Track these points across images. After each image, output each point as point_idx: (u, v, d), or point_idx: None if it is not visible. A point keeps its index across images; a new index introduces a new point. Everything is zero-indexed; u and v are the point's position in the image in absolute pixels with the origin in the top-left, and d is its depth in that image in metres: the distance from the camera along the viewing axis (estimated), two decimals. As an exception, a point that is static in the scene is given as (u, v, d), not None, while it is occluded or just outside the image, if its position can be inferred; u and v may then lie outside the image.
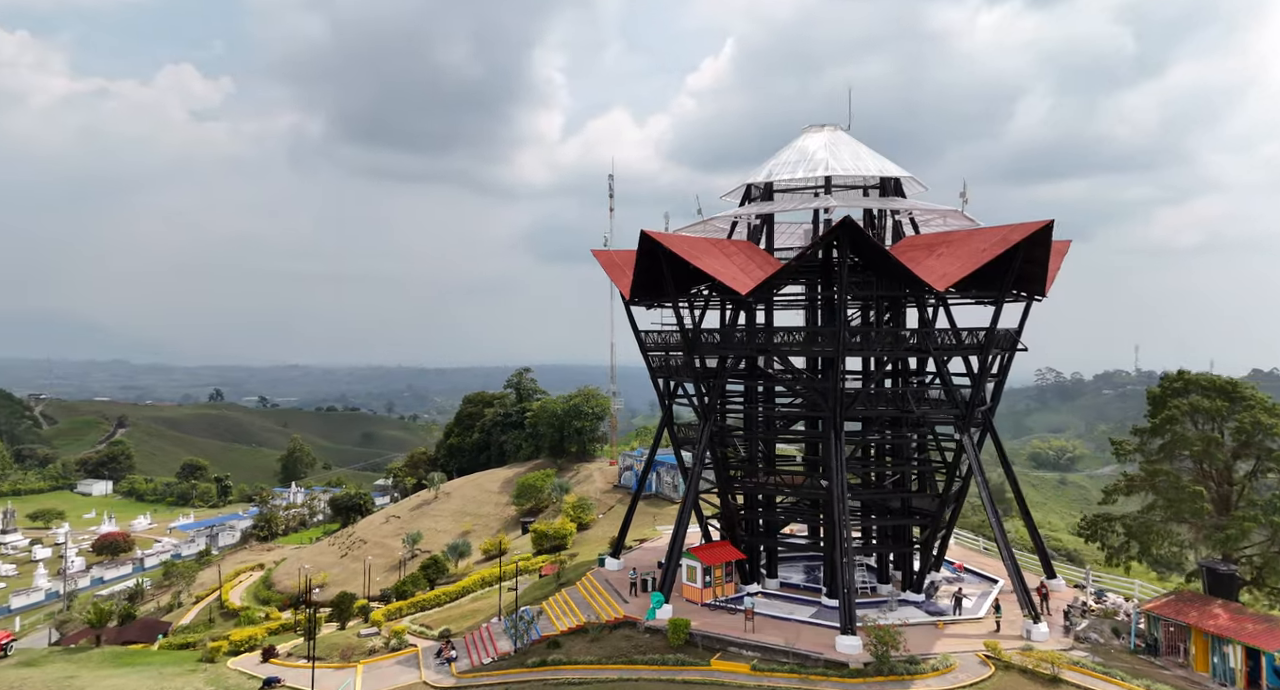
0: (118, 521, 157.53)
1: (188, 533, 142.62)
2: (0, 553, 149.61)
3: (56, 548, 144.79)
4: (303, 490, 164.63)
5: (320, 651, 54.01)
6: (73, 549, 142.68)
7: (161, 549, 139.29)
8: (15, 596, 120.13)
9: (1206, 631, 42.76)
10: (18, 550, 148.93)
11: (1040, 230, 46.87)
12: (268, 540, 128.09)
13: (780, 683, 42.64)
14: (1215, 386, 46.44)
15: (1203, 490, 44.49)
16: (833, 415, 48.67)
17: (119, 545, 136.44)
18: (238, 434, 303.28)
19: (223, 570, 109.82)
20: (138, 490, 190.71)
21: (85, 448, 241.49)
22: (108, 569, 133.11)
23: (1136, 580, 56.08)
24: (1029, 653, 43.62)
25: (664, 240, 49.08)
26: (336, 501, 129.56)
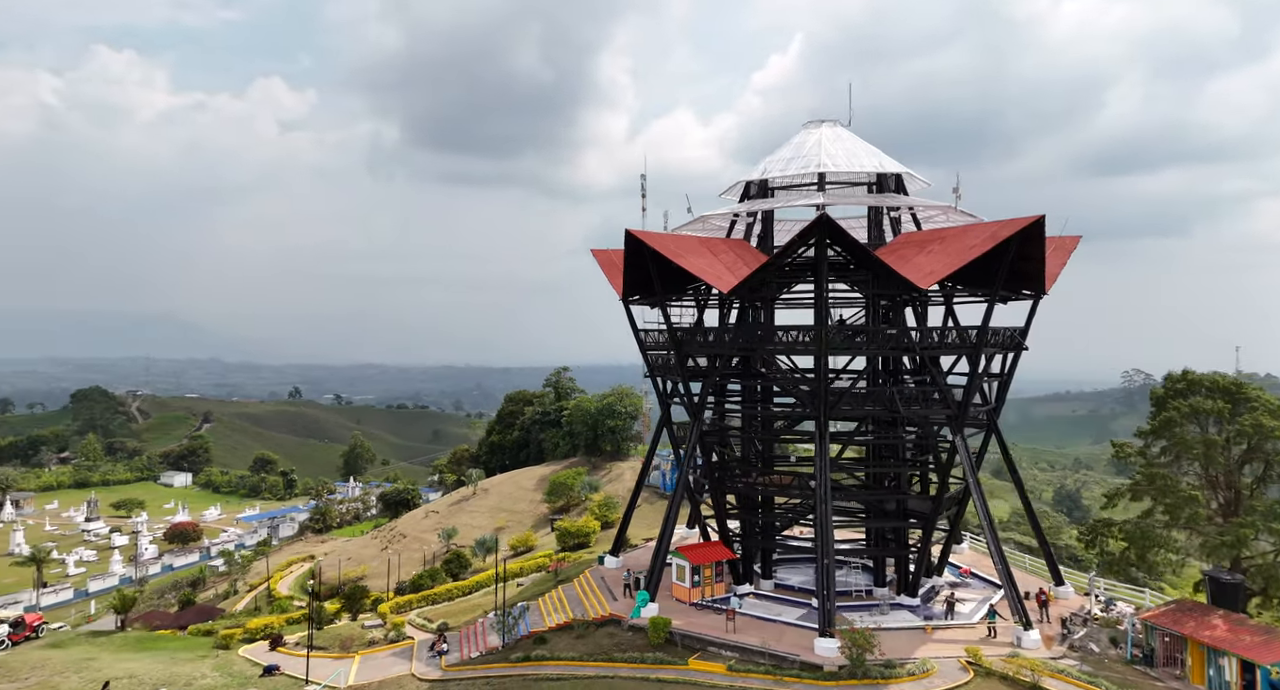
0: (190, 512, 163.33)
1: (251, 524, 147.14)
2: (84, 540, 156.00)
3: (134, 536, 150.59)
4: (360, 485, 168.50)
5: (325, 641, 55.03)
6: (147, 537, 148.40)
7: (227, 539, 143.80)
8: (93, 581, 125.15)
9: (1202, 642, 40.35)
10: (99, 537, 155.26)
11: (1031, 226, 44.88)
12: (322, 533, 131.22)
13: (754, 683, 41.69)
14: (1219, 387, 43.77)
15: (1199, 495, 41.99)
16: (818, 415, 47.45)
17: (188, 534, 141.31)
18: (313, 430, 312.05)
19: (277, 561, 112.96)
20: (214, 482, 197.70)
21: (172, 442, 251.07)
22: (177, 556, 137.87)
23: (1146, 589, 53.20)
24: (1011, 660, 41.82)
25: (648, 239, 48.49)
26: (386, 496, 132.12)
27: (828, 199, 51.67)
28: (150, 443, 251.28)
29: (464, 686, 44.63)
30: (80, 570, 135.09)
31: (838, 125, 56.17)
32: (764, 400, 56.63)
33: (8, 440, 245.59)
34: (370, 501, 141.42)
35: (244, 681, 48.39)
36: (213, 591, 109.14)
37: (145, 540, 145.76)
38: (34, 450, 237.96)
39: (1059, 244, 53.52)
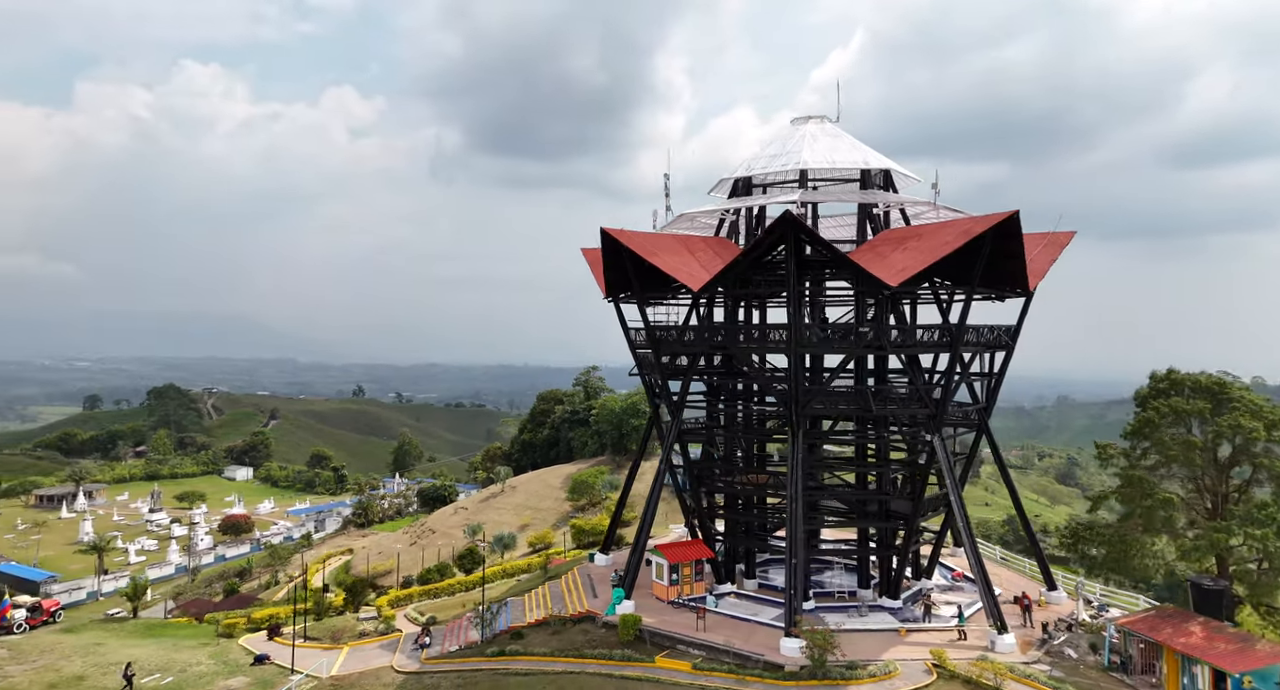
0: (246, 505, 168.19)
1: (299, 517, 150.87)
2: (146, 530, 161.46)
3: (192, 527, 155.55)
4: (405, 481, 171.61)
5: (320, 632, 56.10)
6: (203, 528, 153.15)
7: (276, 531, 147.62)
8: (151, 569, 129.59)
9: (1176, 650, 38.58)
10: (161, 528, 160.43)
11: (1005, 221, 43.48)
12: (364, 527, 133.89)
13: (716, 682, 41.25)
14: (1200, 387, 41.68)
15: (1175, 498, 40.06)
16: (791, 414, 46.70)
17: (240, 526, 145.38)
18: (375, 427, 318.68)
19: (318, 553, 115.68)
20: (273, 476, 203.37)
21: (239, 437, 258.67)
22: (229, 548, 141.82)
23: (1141, 596, 50.98)
24: (976, 663, 40.62)
25: (623, 238, 48.22)
26: (424, 492, 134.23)
27: (807, 196, 50.85)
28: (219, 438, 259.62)
29: (436, 679, 44.97)
30: (140, 559, 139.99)
31: (825, 121, 55.22)
32: (748, 399, 55.94)
33: (90, 434, 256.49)
34: (411, 497, 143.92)
35: (234, 670, 49.58)
36: (256, 582, 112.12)
37: (201, 531, 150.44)
38: (112, 444, 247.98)
39: (1052, 239, 51.80)
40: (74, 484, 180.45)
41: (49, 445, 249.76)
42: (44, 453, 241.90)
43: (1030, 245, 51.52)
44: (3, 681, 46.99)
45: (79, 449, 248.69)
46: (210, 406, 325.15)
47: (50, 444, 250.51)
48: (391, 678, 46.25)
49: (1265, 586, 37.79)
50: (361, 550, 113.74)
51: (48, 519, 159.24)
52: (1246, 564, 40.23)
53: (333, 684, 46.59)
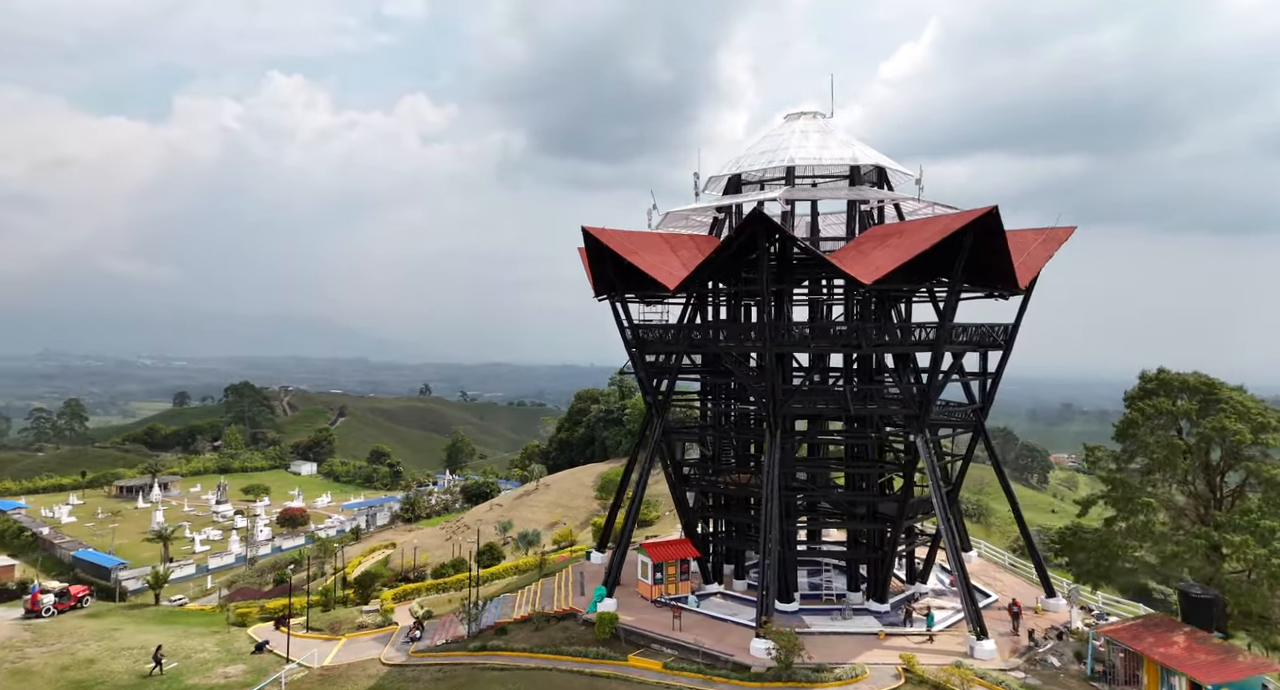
0: (305, 498, 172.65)
1: (352, 511, 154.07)
2: (212, 521, 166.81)
3: (253, 519, 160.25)
4: (455, 478, 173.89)
5: (323, 623, 57.15)
6: (263, 520, 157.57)
7: (330, 524, 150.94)
8: (213, 558, 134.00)
9: (1155, 660, 36.57)
10: (225, 519, 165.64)
11: (984, 218, 41.79)
12: (411, 522, 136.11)
13: (684, 681, 40.77)
14: (1188, 387, 39.30)
15: (1153, 502, 37.89)
16: (769, 413, 45.73)
17: (297, 519, 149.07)
18: (439, 425, 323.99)
19: (365, 546, 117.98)
20: (335, 472, 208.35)
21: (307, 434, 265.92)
22: (285, 539, 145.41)
23: (1141, 605, 48.39)
24: (946, 668, 39.29)
25: (603, 237, 47.88)
26: (467, 489, 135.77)
27: (790, 193, 49.72)
28: (289, 434, 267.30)
29: (418, 672, 45.36)
30: (205, 548, 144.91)
31: (818, 117, 53.89)
32: (739, 399, 54.99)
33: (173, 429, 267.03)
34: (456, 493, 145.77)
35: (235, 657, 50.82)
36: (305, 573, 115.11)
37: (261, 523, 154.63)
38: (192, 439, 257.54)
39: (1050, 235, 49.75)
40: (150, 476, 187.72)
41: (136, 439, 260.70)
42: (131, 446, 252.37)
43: (1027, 241, 49.67)
44: (20, 663, 49.07)
45: (162, 443, 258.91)
46: (286, 404, 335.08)
47: (137, 438, 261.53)
48: (377, 669, 46.81)
49: (1249, 596, 35.40)
50: (404, 545, 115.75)
51: (124, 509, 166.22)
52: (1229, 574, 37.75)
53: (322, 674, 47.36)
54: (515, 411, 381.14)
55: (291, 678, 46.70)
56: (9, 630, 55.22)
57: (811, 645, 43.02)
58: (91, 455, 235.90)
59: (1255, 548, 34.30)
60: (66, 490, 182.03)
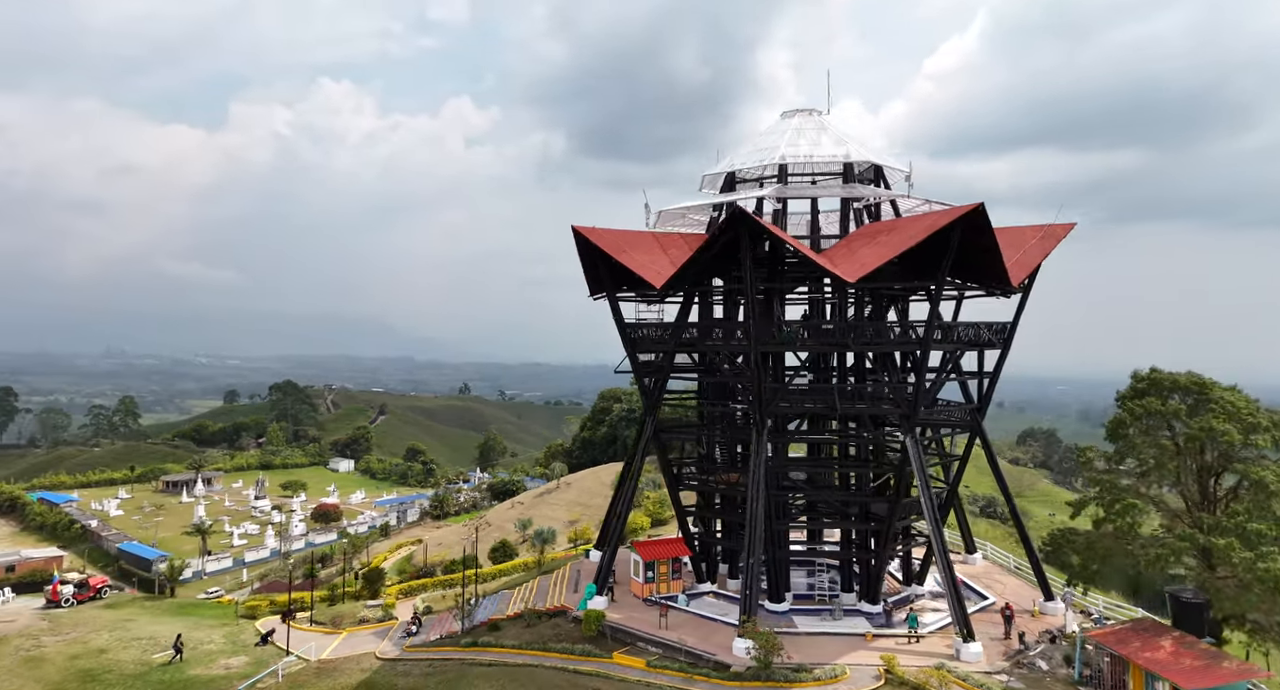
0: (340, 495, 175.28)
1: (384, 508, 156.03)
2: (251, 515, 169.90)
3: (289, 514, 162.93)
4: (485, 476, 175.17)
5: (326, 617, 57.92)
6: (299, 515, 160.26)
7: (362, 520, 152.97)
8: (249, 552, 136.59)
9: (1139, 664, 35.55)
10: (262, 514, 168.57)
11: (971, 214, 40.94)
12: (439, 519, 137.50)
13: (664, 680, 40.59)
14: (1179, 387, 38.04)
15: (1137, 503, 36.76)
16: (755, 411, 45.35)
17: (330, 514, 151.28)
18: (477, 423, 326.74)
19: (392, 542, 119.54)
20: (371, 469, 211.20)
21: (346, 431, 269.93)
22: (319, 535, 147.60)
23: (1139, 609, 46.96)
24: (926, 670, 38.66)
25: (592, 236, 47.93)
26: (493, 487, 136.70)
27: (781, 191, 49.25)
28: (331, 431, 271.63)
29: (409, 666, 45.74)
30: (242, 542, 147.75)
31: (813, 114, 53.27)
32: (730, 397, 54.51)
33: (220, 426, 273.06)
34: (484, 491, 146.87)
35: (239, 649, 51.72)
36: (334, 568, 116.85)
37: (297, 518, 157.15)
38: (237, 435, 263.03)
39: (1049, 231, 48.63)
40: (194, 471, 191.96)
41: (185, 435, 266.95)
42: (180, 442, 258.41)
43: (1025, 237, 48.61)
44: (35, 651, 50.48)
45: (210, 439, 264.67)
46: (329, 402, 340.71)
47: (186, 434, 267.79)
48: (371, 663, 47.29)
49: (1234, 600, 34.13)
50: (429, 541, 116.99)
51: (169, 503, 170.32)
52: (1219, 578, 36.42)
53: (319, 666, 48.02)
54: (551, 411, 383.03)
55: (289, 670, 47.41)
56: (28, 619, 56.89)
57: (798, 645, 42.66)
58: (143, 451, 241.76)
59: (1240, 551, 33.08)
60: (117, 484, 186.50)
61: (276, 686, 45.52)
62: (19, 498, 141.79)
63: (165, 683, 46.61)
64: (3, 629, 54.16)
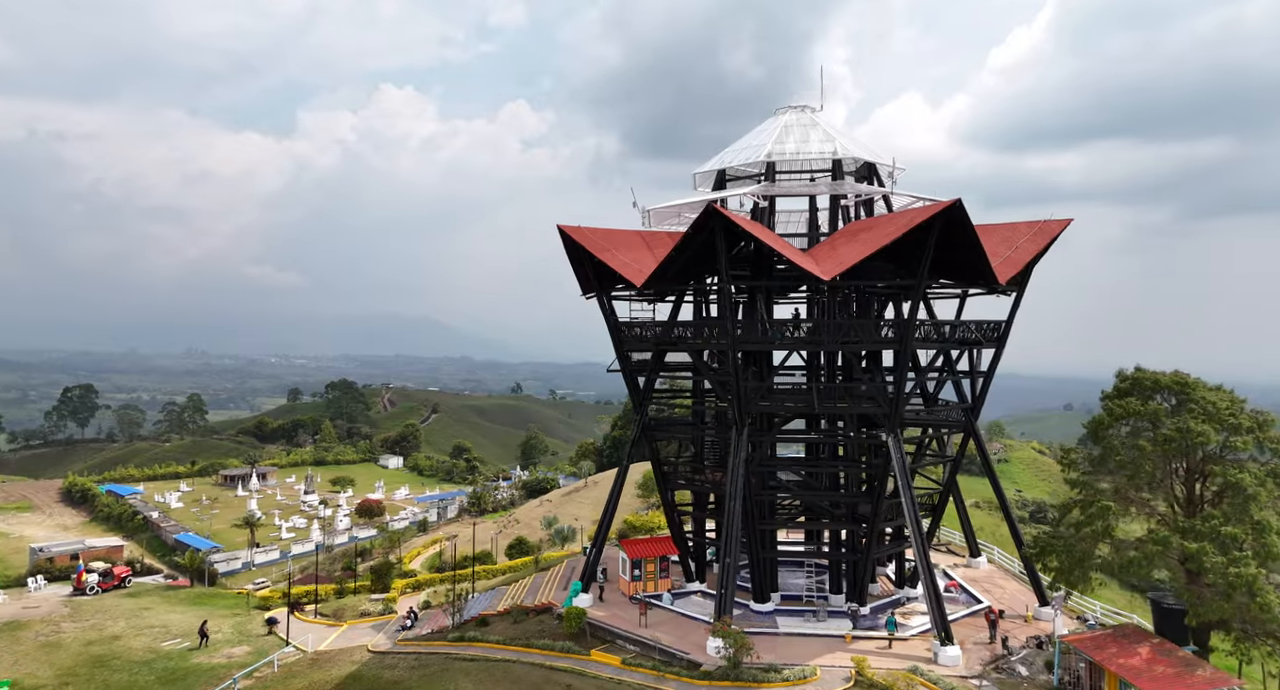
0: (386, 491, 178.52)
1: (425, 504, 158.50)
2: (300, 509, 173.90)
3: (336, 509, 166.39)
4: (525, 473, 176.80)
5: (330, 610, 59.07)
6: (344, 510, 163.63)
7: (403, 516, 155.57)
8: (295, 545, 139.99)
9: (1112, 671, 34.20)
10: (310, 508, 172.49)
11: (949, 210, 39.82)
12: (478, 515, 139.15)
13: (637, 678, 40.38)
14: (1160, 387, 36.38)
15: (1111, 505, 35.28)
16: (734, 410, 44.83)
17: (373, 510, 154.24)
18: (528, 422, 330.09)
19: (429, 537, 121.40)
20: (419, 466, 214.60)
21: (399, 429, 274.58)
22: (362, 530, 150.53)
23: (1134, 615, 45.02)
24: (893, 671, 37.77)
25: (575, 234, 47.96)
26: (527, 484, 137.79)
27: (767, 189, 48.58)
28: (384, 429, 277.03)
29: (396, 660, 46.30)
30: (290, 535, 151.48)
31: (806, 111, 52.40)
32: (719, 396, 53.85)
33: (279, 423, 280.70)
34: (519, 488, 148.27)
35: (243, 639, 53.07)
36: (372, 562, 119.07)
37: (342, 513, 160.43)
38: (295, 432, 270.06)
39: (1042, 228, 47.12)
40: (249, 466, 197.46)
41: (247, 431, 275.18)
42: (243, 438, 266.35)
43: (1018, 234, 47.19)
44: (53, 636, 52.51)
45: (269, 435, 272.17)
46: (386, 400, 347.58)
47: (249, 430, 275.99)
48: (362, 656, 48.02)
49: (1206, 606, 32.45)
50: (462, 537, 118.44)
51: (225, 496, 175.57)
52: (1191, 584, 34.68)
53: (314, 657, 48.95)
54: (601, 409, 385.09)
55: (285, 660, 48.50)
56: (52, 606, 59.25)
57: (775, 646, 42.12)
58: (209, 446, 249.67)
59: (1213, 556, 31.48)
60: (179, 478, 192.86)
61: (272, 676, 46.57)
62: (90, 490, 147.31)
63: (169, 670, 48.05)
64: (27, 615, 56.56)
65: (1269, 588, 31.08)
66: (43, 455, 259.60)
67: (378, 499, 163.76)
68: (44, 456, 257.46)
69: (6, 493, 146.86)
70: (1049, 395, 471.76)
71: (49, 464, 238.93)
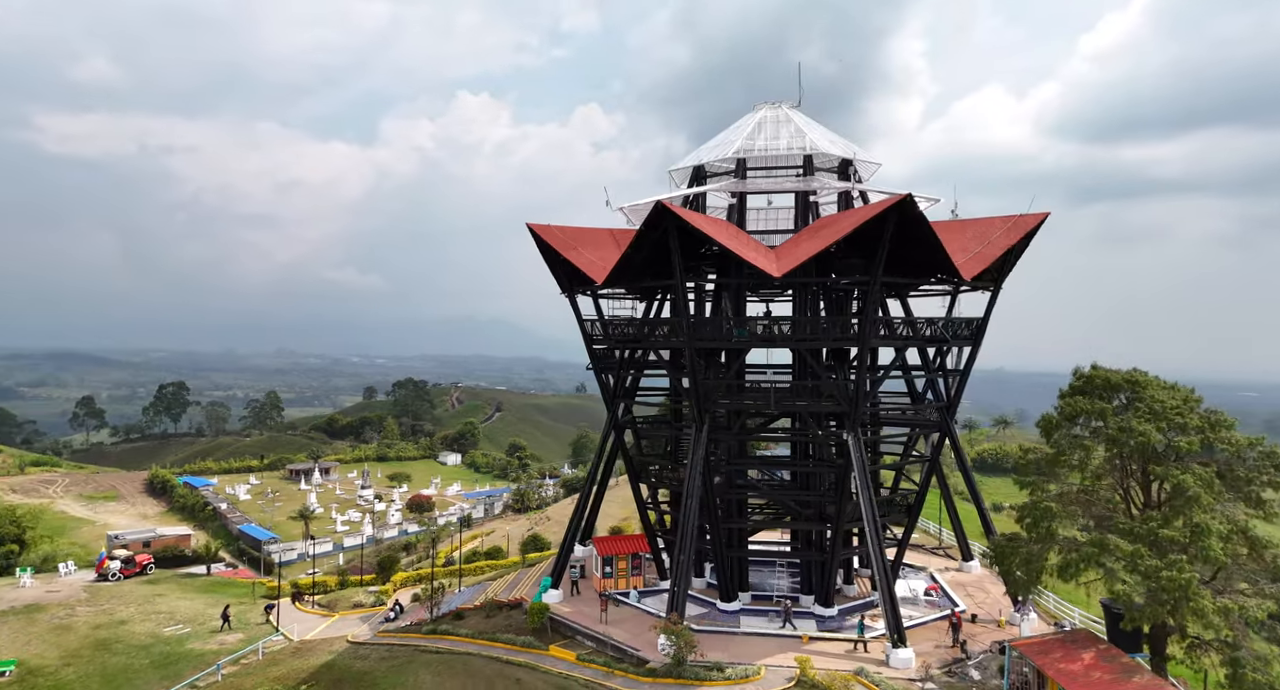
0: (440, 487, 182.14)
1: (472, 500, 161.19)
2: (356, 503, 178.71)
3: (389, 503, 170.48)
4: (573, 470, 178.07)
5: (329, 601, 60.60)
6: (396, 505, 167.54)
7: (452, 512, 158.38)
8: (348, 538, 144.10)
9: (1051, 676, 32.76)
10: (366, 503, 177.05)
11: (899, 205, 38.68)
12: (521, 512, 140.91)
13: (588, 673, 40.43)
14: (1111, 385, 34.49)
15: (1052, 507, 33.62)
16: (694, 408, 44.39)
17: (423, 505, 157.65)
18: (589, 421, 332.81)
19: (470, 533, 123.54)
20: (476, 463, 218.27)
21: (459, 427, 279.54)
22: (411, 524, 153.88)
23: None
24: (834, 672, 36.96)
25: (542, 232, 48.21)
26: (567, 482, 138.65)
27: (735, 186, 47.94)
28: (447, 426, 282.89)
29: (371, 650, 47.28)
30: (344, 528, 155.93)
31: (782, 106, 51.45)
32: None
33: (348, 420, 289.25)
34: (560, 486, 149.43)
35: (242, 625, 54.84)
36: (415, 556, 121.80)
37: (395, 508, 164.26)
38: (362, 429, 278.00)
39: (1017, 222, 45.31)
40: (312, 461, 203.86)
41: (319, 428, 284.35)
42: (315, 434, 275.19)
43: (992, 229, 45.55)
44: (67, 620, 55.23)
45: (339, 432, 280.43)
46: (455, 399, 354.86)
47: (320, 427, 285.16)
48: (341, 646, 49.13)
49: (1140, 611, 30.58)
50: (499, 533, 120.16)
51: (289, 489, 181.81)
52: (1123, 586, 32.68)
53: (298, 646, 50.35)
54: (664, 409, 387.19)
55: (270, 648, 50.04)
56: (71, 591, 62.32)
57: (732, 645, 41.62)
58: (283, 441, 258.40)
59: (1148, 559, 29.69)
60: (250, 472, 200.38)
61: (256, 663, 48.10)
62: (169, 481, 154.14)
63: (165, 654, 50.03)
64: (48, 598, 59.64)
65: (1204, 592, 29.19)
66: (140, 448, 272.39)
67: (428, 495, 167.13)
68: (141, 450, 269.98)
69: (98, 483, 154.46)
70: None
71: (145, 456, 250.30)
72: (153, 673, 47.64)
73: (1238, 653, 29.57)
